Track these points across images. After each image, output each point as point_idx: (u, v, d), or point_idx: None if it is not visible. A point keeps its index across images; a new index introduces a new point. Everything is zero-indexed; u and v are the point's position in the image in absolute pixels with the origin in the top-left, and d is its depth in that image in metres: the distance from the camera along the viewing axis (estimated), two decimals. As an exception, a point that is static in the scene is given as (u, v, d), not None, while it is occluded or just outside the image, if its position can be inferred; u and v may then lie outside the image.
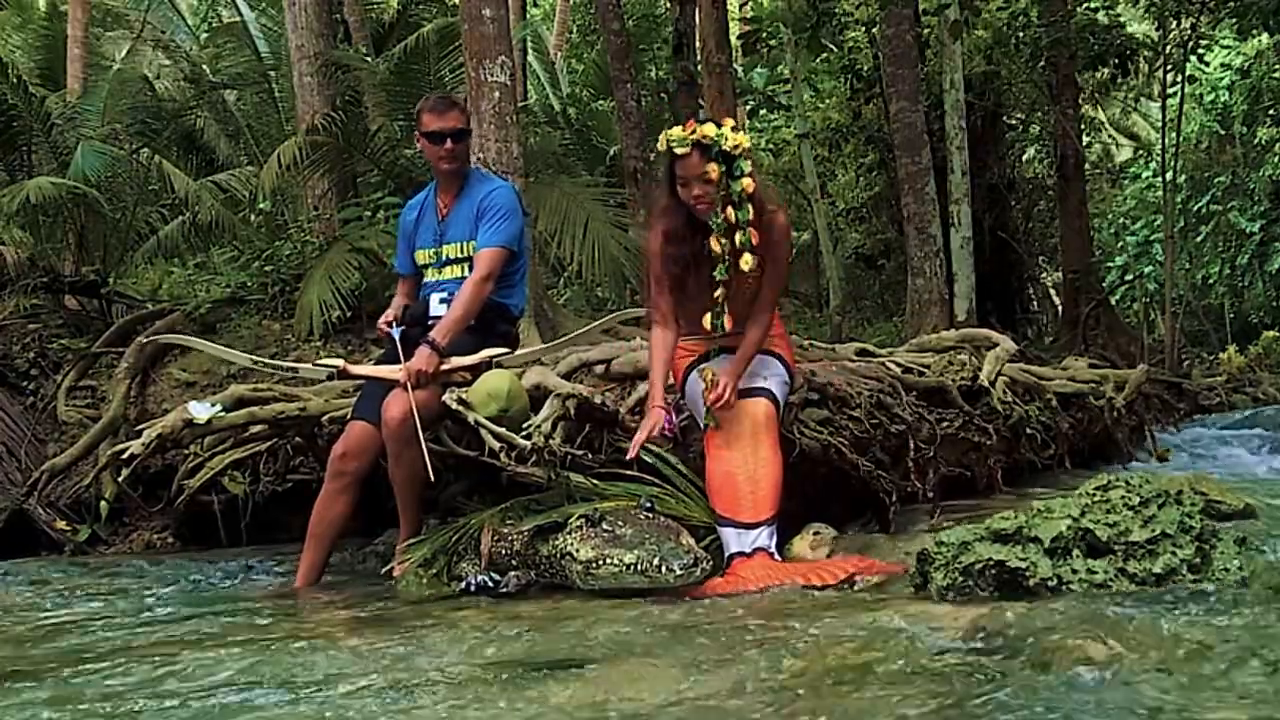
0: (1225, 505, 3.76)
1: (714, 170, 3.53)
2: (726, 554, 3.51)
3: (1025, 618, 2.38)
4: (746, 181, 3.57)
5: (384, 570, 3.95)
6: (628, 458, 3.48)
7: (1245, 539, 2.80)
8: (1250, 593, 2.60)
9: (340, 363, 4.18)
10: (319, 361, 4.70)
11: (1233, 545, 2.75)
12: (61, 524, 5.58)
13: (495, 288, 4.11)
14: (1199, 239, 17.58)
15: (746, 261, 3.60)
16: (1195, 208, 17.04)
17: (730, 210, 3.57)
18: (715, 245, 3.59)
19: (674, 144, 3.54)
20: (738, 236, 3.59)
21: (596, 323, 5.08)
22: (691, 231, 3.66)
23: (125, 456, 4.43)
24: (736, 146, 3.55)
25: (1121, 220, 19.40)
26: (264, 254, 8.09)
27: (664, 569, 3.20)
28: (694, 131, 3.53)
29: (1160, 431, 7.80)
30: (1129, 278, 17.31)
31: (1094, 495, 2.86)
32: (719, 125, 3.57)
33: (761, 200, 3.65)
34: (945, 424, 4.68)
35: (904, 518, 4.11)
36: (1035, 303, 17.79)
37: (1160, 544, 2.71)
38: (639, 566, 3.21)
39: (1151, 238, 16.52)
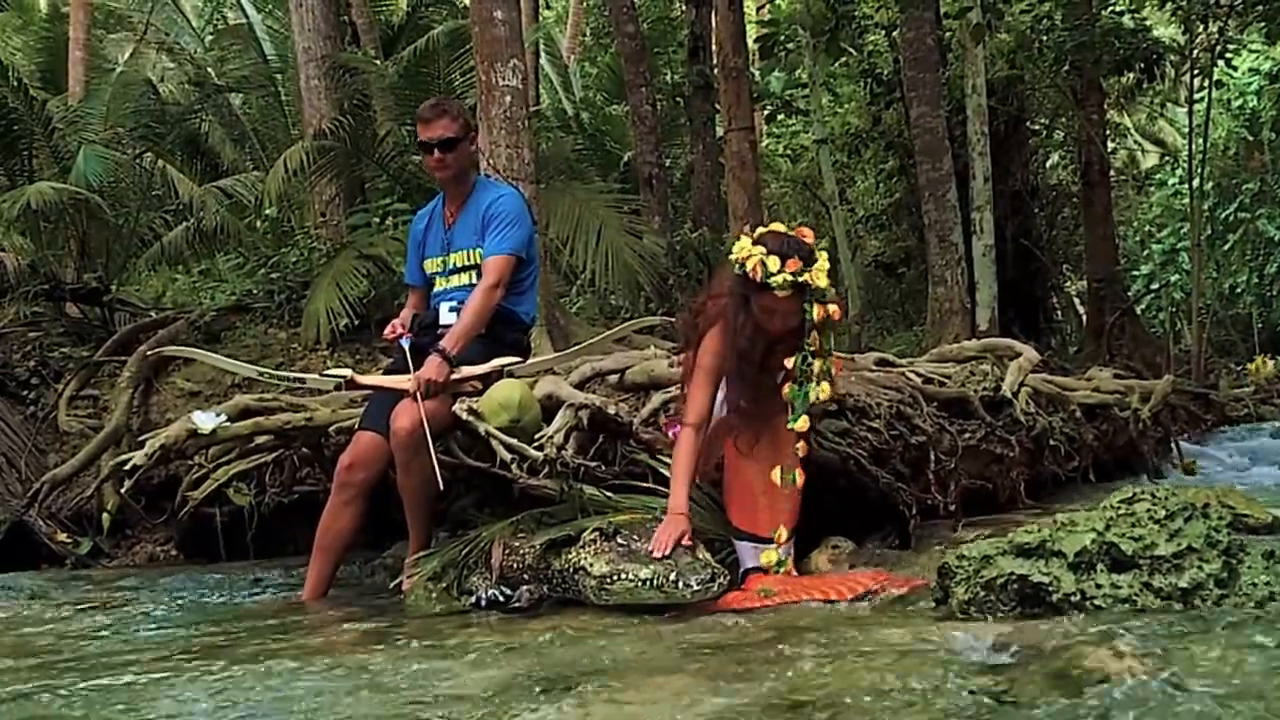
0: (1253, 519, 3.85)
1: (818, 313, 3.46)
2: (742, 568, 3.48)
3: (1048, 634, 2.37)
4: (833, 308, 3.51)
5: (392, 584, 3.90)
6: (655, 555, 3.25)
7: (1273, 553, 2.75)
8: (1278, 608, 2.57)
9: (348, 372, 4.13)
10: (326, 371, 4.64)
11: (1260, 560, 2.72)
12: (62, 536, 5.52)
13: (504, 295, 4.08)
14: (1226, 247, 17.41)
15: (824, 390, 3.56)
16: (1223, 215, 16.86)
17: (816, 336, 3.51)
18: (788, 390, 3.53)
19: (775, 286, 3.41)
20: (817, 364, 3.53)
21: (610, 332, 5.04)
22: (765, 346, 3.56)
23: (128, 467, 4.39)
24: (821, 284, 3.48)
25: (1147, 228, 19.27)
26: (270, 261, 8.11)
27: (680, 584, 3.14)
28: (797, 274, 3.40)
29: (1186, 443, 7.72)
30: (1155, 286, 17.15)
31: (1119, 508, 2.84)
32: (808, 261, 3.44)
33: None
34: (967, 435, 4.67)
35: (924, 531, 4.07)
36: (1059, 312, 17.72)
37: (1186, 558, 2.68)
38: (655, 582, 3.15)
39: (1178, 246, 16.33)
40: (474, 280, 4.09)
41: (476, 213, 4.15)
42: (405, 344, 4.02)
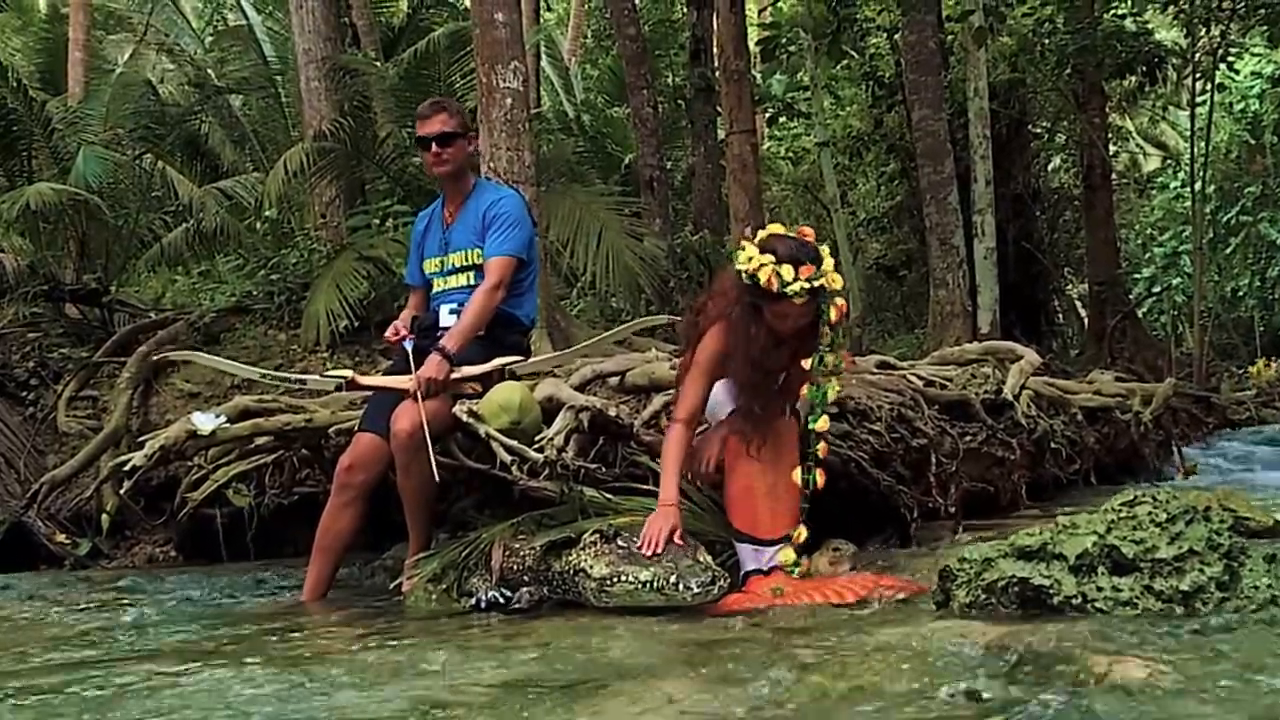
0: (1254, 522, 3.83)
1: (834, 312, 3.45)
2: (743, 571, 3.45)
3: (1049, 636, 2.36)
4: (841, 302, 3.51)
5: (392, 585, 3.89)
6: (645, 551, 3.25)
7: (1275, 556, 2.74)
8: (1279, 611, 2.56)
9: (349, 373, 4.13)
10: (327, 372, 4.64)
11: (1262, 563, 2.70)
12: (61, 537, 5.49)
13: (504, 297, 4.07)
14: (1228, 250, 17.35)
15: (834, 389, 3.57)
16: (1224, 218, 16.79)
17: (826, 330, 3.50)
18: (807, 392, 3.53)
19: (792, 294, 3.37)
20: (829, 358, 3.53)
21: (609, 333, 5.02)
22: (775, 347, 3.53)
23: (127, 468, 4.39)
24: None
25: (1149, 231, 19.20)
26: (270, 262, 8.09)
27: (681, 587, 3.14)
28: (812, 278, 3.37)
29: (1188, 446, 7.72)
30: (1156, 290, 17.07)
31: (1120, 511, 2.82)
32: (817, 263, 3.44)
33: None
34: (968, 438, 4.66)
35: (925, 534, 4.07)
36: (1060, 315, 17.71)
37: (1188, 561, 2.67)
38: (655, 584, 3.15)
39: (1180, 249, 16.26)
40: (472, 281, 4.09)
41: (476, 213, 4.14)
42: (408, 346, 4.01)
